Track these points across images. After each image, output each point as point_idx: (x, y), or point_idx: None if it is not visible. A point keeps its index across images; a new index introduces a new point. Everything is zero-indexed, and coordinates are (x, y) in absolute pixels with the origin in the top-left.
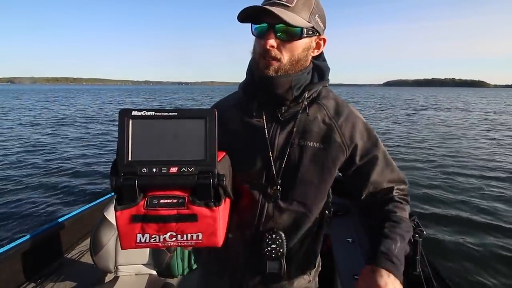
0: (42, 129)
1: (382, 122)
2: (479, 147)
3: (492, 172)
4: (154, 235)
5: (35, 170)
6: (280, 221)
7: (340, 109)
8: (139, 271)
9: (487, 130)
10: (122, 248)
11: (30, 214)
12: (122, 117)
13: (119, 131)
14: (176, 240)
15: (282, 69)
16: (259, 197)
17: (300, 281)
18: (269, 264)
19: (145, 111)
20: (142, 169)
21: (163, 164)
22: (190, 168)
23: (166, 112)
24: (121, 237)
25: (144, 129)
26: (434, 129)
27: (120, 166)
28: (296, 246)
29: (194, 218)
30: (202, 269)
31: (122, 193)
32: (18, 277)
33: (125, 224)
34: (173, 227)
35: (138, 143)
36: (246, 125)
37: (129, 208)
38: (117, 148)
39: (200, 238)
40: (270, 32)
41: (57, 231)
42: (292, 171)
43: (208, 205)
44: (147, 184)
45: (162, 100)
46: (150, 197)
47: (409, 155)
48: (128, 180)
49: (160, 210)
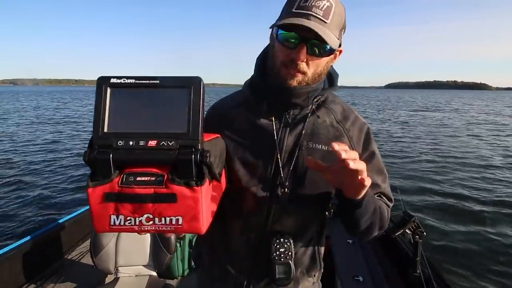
0: (43, 130)
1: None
2: (482, 149)
3: (494, 174)
4: (129, 217)
5: (36, 171)
6: (287, 224)
7: (347, 113)
8: (139, 272)
9: (495, 134)
10: (96, 232)
11: (30, 216)
12: (100, 85)
13: (96, 100)
14: (154, 224)
15: (305, 81)
16: (266, 199)
17: (305, 284)
18: (278, 268)
19: (125, 78)
20: (118, 141)
21: (142, 137)
22: (171, 142)
23: (147, 80)
24: (94, 218)
25: (123, 98)
26: (436, 130)
27: (95, 138)
28: (302, 249)
29: (173, 199)
30: (203, 275)
31: (96, 168)
32: (19, 278)
33: (97, 203)
34: (150, 208)
35: (116, 114)
36: (253, 126)
37: (102, 184)
38: (93, 118)
39: (180, 223)
40: (302, 46)
41: (58, 233)
42: (301, 173)
43: (189, 184)
44: (123, 158)
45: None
46: (126, 174)
47: (412, 156)
48: (102, 153)
49: (136, 188)
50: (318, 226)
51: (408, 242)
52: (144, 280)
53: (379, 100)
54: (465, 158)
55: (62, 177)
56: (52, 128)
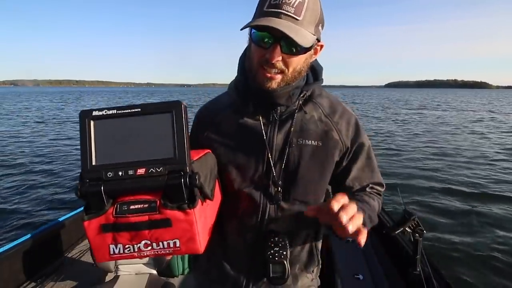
0: (43, 130)
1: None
2: (483, 148)
3: (494, 171)
4: (127, 245)
5: (36, 170)
6: (282, 223)
7: (335, 106)
8: (139, 270)
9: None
10: (96, 261)
11: (30, 214)
12: (83, 119)
13: (80, 135)
14: (152, 249)
15: (285, 81)
16: (260, 199)
17: (303, 280)
18: (273, 267)
19: (106, 109)
20: (107, 173)
21: (130, 166)
22: (159, 168)
23: (128, 109)
24: (93, 249)
25: (107, 129)
26: (436, 129)
27: (84, 172)
28: (298, 247)
29: (168, 223)
30: (201, 277)
31: (89, 200)
32: (19, 276)
33: (95, 235)
34: (146, 234)
35: (102, 146)
36: (242, 127)
37: (97, 217)
38: (80, 153)
39: (177, 245)
40: (275, 46)
41: (58, 231)
42: (293, 171)
43: (182, 207)
44: (114, 189)
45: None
46: (119, 204)
47: (412, 154)
48: (93, 186)
49: (130, 217)
50: (314, 223)
51: (408, 240)
52: (144, 278)
53: (379, 99)
54: (465, 156)
55: (62, 175)
56: (53, 128)
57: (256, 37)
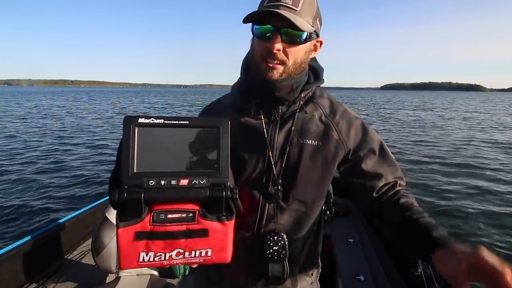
0: (43, 130)
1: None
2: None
3: (496, 175)
4: (159, 252)
5: (37, 171)
6: (281, 222)
7: (335, 107)
8: (140, 271)
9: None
10: (121, 269)
11: (31, 215)
12: (127, 125)
13: (123, 140)
14: (183, 257)
15: (286, 72)
16: (259, 198)
17: (303, 283)
18: (272, 266)
19: (153, 118)
20: (149, 181)
21: (173, 176)
22: (202, 180)
23: (176, 120)
24: (122, 256)
25: (152, 138)
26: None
27: (124, 178)
28: (298, 247)
29: (205, 234)
30: (200, 278)
31: (126, 207)
32: (20, 278)
33: (128, 242)
34: (182, 243)
35: (145, 153)
36: (243, 126)
37: (133, 224)
38: (119, 158)
39: (209, 255)
40: (276, 35)
41: (59, 232)
42: (293, 170)
43: (220, 219)
44: (155, 197)
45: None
46: (156, 212)
47: (415, 156)
48: (133, 193)
49: (168, 226)
50: (314, 224)
51: None
52: (145, 279)
53: (375, 101)
54: (465, 156)
55: (63, 176)
56: (54, 128)
57: (258, 32)
